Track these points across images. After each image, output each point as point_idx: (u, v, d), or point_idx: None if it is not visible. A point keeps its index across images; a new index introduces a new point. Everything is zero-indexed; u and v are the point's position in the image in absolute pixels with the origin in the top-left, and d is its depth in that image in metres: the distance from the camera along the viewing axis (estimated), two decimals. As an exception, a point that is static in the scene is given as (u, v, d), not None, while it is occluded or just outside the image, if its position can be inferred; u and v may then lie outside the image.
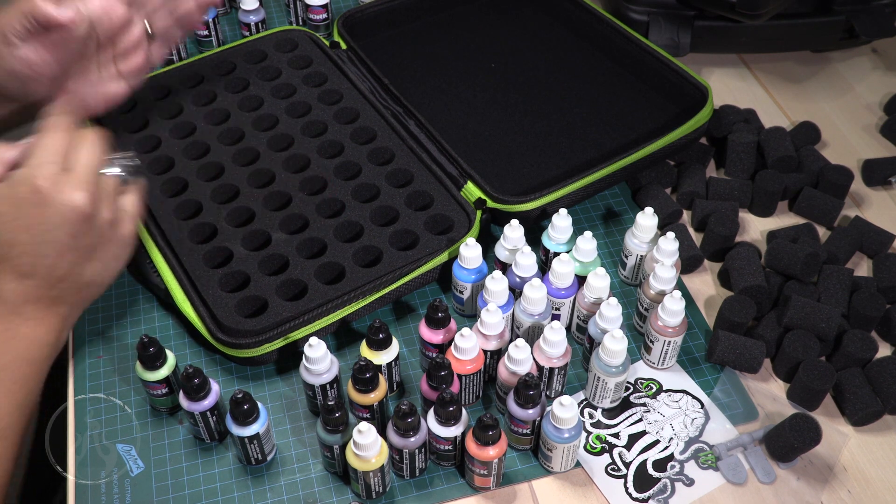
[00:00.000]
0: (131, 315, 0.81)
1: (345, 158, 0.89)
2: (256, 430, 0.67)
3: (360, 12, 1.05)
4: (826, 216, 0.90)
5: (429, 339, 0.73)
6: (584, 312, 0.76)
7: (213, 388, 0.70)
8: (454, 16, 1.11)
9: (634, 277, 0.84)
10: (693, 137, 0.90)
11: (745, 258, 0.82)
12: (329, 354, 0.70)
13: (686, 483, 0.70)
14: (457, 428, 0.67)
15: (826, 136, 1.00)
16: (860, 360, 0.76)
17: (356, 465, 0.65)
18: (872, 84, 1.08)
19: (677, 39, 1.03)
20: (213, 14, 1.05)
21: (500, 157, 0.91)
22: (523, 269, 0.76)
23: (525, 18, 1.11)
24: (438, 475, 0.71)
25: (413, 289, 0.80)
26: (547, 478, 0.71)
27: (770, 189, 0.89)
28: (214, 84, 0.97)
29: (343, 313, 0.76)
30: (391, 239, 0.81)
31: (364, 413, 0.69)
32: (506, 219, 0.80)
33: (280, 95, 0.96)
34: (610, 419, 0.74)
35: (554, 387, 0.74)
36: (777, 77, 1.09)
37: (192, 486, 0.70)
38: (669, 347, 0.75)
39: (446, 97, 0.99)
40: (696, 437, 0.73)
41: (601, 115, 0.97)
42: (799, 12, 1.04)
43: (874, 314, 0.78)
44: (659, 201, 0.89)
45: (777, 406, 0.76)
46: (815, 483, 0.71)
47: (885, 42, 1.13)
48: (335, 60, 1.00)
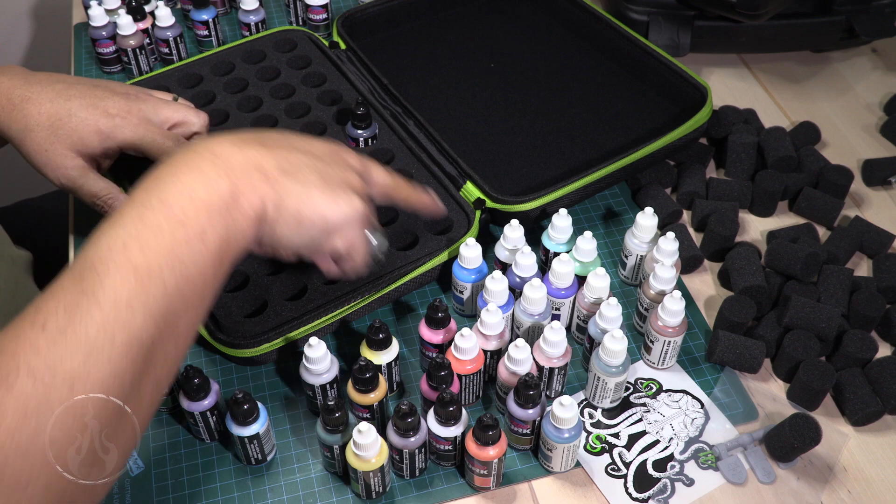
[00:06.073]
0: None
1: (344, 158, 0.89)
2: (256, 430, 0.67)
3: (359, 12, 1.05)
4: (826, 216, 0.90)
5: (429, 339, 0.73)
6: (584, 312, 0.76)
7: (213, 388, 0.70)
8: (454, 16, 1.11)
9: (634, 277, 0.84)
10: (693, 137, 0.90)
11: (745, 258, 0.82)
12: (329, 354, 0.70)
13: (686, 483, 0.70)
14: (457, 428, 0.67)
15: (826, 136, 1.00)
16: (860, 360, 0.76)
17: (356, 465, 0.65)
18: (872, 84, 1.08)
19: (677, 39, 1.03)
20: (213, 14, 1.05)
21: (499, 157, 0.91)
22: (523, 269, 0.76)
23: (525, 18, 1.10)
24: (438, 475, 0.71)
25: (413, 289, 0.80)
26: (547, 478, 0.71)
27: (770, 189, 0.89)
28: (214, 84, 0.97)
29: (343, 313, 0.76)
30: (391, 239, 0.81)
31: (364, 413, 0.69)
32: (505, 219, 0.80)
33: (279, 95, 0.96)
34: (610, 419, 0.74)
35: (554, 387, 0.74)
36: (777, 77, 1.09)
37: (192, 486, 0.70)
38: (669, 347, 0.75)
39: (445, 97, 0.99)
40: (696, 437, 0.73)
41: (601, 114, 0.97)
42: (799, 12, 1.04)
43: (874, 314, 0.78)
44: (659, 201, 0.89)
45: (777, 406, 0.75)
46: (815, 483, 0.71)
47: (885, 42, 1.13)
48: (334, 60, 1.00)
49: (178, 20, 1.10)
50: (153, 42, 1.05)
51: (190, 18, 1.07)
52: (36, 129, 0.76)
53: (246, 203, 0.58)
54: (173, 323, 0.53)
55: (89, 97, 0.77)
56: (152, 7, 1.09)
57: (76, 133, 0.76)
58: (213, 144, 0.59)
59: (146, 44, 1.03)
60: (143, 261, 0.52)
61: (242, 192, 0.58)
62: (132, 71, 1.04)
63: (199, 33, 1.06)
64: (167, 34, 1.02)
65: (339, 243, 0.66)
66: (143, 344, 0.51)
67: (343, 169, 0.66)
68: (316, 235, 0.64)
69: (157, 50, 1.06)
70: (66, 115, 0.76)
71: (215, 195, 0.56)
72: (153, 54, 1.06)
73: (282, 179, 0.60)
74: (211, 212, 0.55)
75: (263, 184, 0.59)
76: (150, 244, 0.52)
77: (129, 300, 0.50)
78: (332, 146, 0.68)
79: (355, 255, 0.69)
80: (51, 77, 0.79)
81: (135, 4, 1.03)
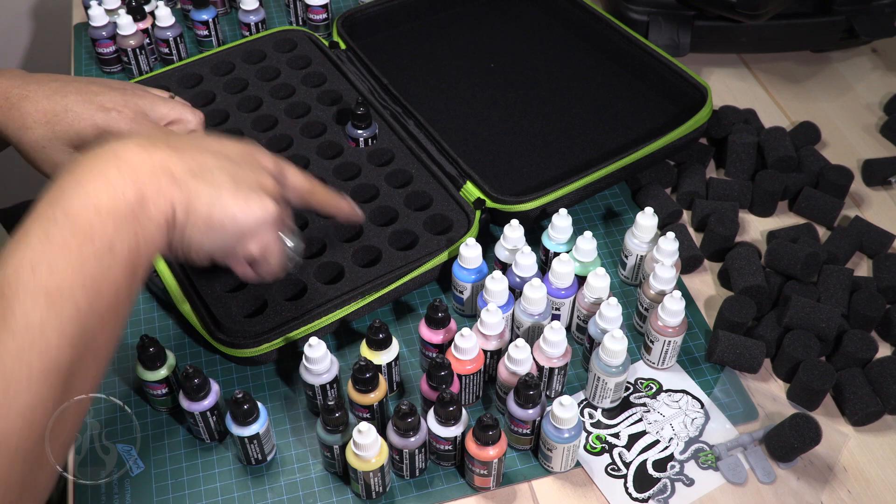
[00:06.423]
0: (131, 315, 0.81)
1: (344, 159, 0.89)
2: (256, 430, 0.67)
3: (359, 12, 1.05)
4: (826, 216, 0.90)
5: (429, 339, 0.73)
6: (584, 312, 0.76)
7: (213, 388, 0.70)
8: (454, 16, 1.11)
9: (634, 277, 0.84)
10: (693, 137, 0.90)
11: (745, 258, 0.82)
12: (329, 354, 0.70)
13: (686, 483, 0.70)
14: (457, 428, 0.67)
15: (826, 136, 1.00)
16: (860, 360, 0.76)
17: (356, 465, 0.65)
18: (872, 84, 1.08)
19: (677, 39, 1.03)
20: (213, 14, 1.05)
21: (499, 157, 0.91)
22: (523, 269, 0.76)
23: (525, 18, 1.10)
24: (438, 475, 0.71)
25: (413, 289, 0.80)
26: (547, 478, 0.71)
27: (770, 189, 0.89)
28: (214, 84, 0.97)
29: (342, 313, 0.76)
30: (390, 239, 0.81)
31: (364, 413, 0.69)
32: (505, 219, 0.80)
33: (279, 95, 0.96)
34: (610, 419, 0.74)
35: (554, 387, 0.74)
36: (777, 77, 1.09)
37: (192, 486, 0.70)
38: (669, 347, 0.75)
39: (445, 97, 0.99)
40: (696, 437, 0.73)
41: (601, 115, 0.97)
42: (799, 12, 1.04)
43: (874, 314, 0.78)
44: (659, 201, 0.89)
45: (777, 406, 0.75)
46: (815, 483, 0.71)
47: (885, 42, 1.13)
48: (334, 60, 1.00)
49: (178, 20, 1.10)
50: (153, 42, 1.05)
51: (190, 18, 1.07)
52: (33, 126, 0.76)
53: (154, 208, 0.56)
54: (90, 342, 0.52)
55: (85, 93, 0.77)
56: (152, 7, 1.09)
57: (73, 129, 0.76)
58: (118, 147, 0.57)
59: (146, 44, 1.03)
60: (52, 282, 0.50)
61: (150, 197, 0.56)
62: (132, 71, 1.04)
63: (199, 33, 1.06)
64: (167, 34, 1.03)
65: (252, 247, 0.65)
66: (61, 369, 0.50)
67: (256, 171, 0.64)
68: (228, 239, 0.62)
69: (157, 50, 1.06)
70: (63, 110, 0.76)
71: (122, 202, 0.54)
72: (153, 54, 1.06)
73: (191, 182, 0.58)
74: (118, 221, 0.54)
75: (172, 187, 0.57)
76: (58, 264, 0.51)
77: (43, 325, 0.49)
78: (245, 147, 0.66)
79: (270, 259, 0.67)
80: (48, 76, 0.79)
81: (135, 4, 1.03)
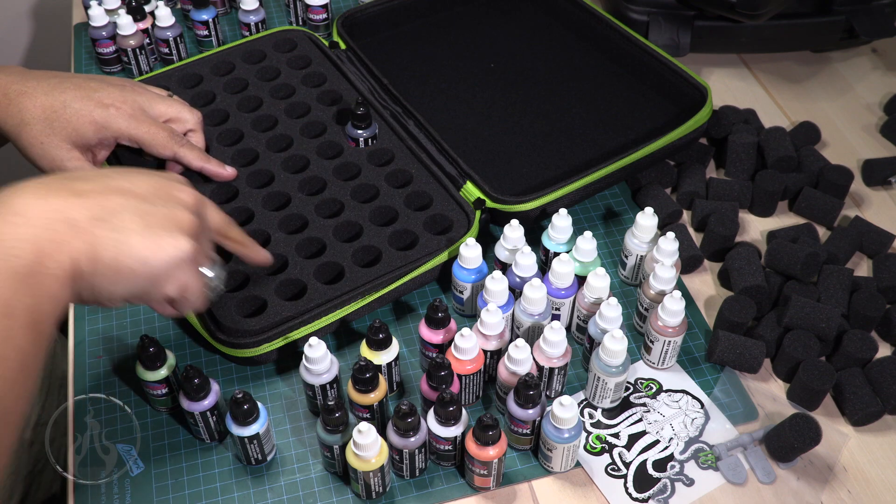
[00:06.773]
0: (131, 315, 0.81)
1: (344, 159, 0.89)
2: (256, 430, 0.67)
3: (359, 12, 1.05)
4: (826, 216, 0.90)
5: (429, 339, 0.73)
6: (584, 312, 0.76)
7: (213, 388, 0.70)
8: (454, 16, 1.11)
9: (634, 277, 0.84)
10: (693, 137, 0.90)
11: (745, 258, 0.82)
12: (329, 354, 0.70)
13: (686, 483, 0.70)
14: (457, 428, 0.67)
15: (826, 136, 1.00)
16: (860, 360, 0.76)
17: (356, 465, 0.65)
18: (872, 84, 1.08)
19: (677, 39, 1.03)
20: (213, 14, 1.05)
21: (499, 157, 0.91)
22: (523, 269, 0.76)
23: (525, 18, 1.10)
24: (438, 475, 0.71)
25: (413, 289, 0.80)
26: (547, 478, 0.71)
27: (770, 189, 0.89)
28: (214, 84, 0.97)
29: (342, 313, 0.76)
30: (390, 239, 0.81)
31: (364, 413, 0.69)
32: (505, 219, 0.80)
33: (279, 96, 0.96)
34: (610, 419, 0.74)
35: (554, 387, 0.74)
36: (777, 77, 1.09)
37: (192, 486, 0.70)
38: (669, 347, 0.75)
39: (445, 97, 0.99)
40: (696, 437, 0.73)
41: (601, 114, 0.97)
42: (799, 12, 1.04)
43: (874, 314, 0.78)
44: (659, 201, 0.89)
45: (777, 406, 0.75)
46: (815, 483, 0.71)
47: (885, 42, 1.13)
48: (334, 60, 1.00)
49: (178, 20, 1.10)
50: (153, 42, 1.05)
51: (190, 18, 1.07)
52: (31, 122, 0.75)
53: (53, 264, 0.52)
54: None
55: (84, 89, 0.77)
56: (152, 7, 1.09)
57: (71, 124, 0.76)
58: (13, 199, 0.53)
59: (146, 44, 1.03)
60: None
61: (48, 253, 0.52)
62: (132, 71, 1.04)
63: (199, 33, 1.06)
64: (167, 34, 1.03)
65: (169, 288, 0.60)
66: None
67: (170, 206, 0.60)
68: (140, 283, 0.58)
69: (157, 50, 1.06)
70: (61, 106, 0.76)
71: (16, 262, 0.51)
72: (153, 54, 1.06)
73: (94, 229, 0.55)
74: (14, 282, 0.50)
75: (73, 237, 0.54)
76: None
77: None
78: (159, 182, 0.62)
79: (190, 297, 0.63)
80: (46, 73, 0.79)
81: (135, 4, 1.03)
